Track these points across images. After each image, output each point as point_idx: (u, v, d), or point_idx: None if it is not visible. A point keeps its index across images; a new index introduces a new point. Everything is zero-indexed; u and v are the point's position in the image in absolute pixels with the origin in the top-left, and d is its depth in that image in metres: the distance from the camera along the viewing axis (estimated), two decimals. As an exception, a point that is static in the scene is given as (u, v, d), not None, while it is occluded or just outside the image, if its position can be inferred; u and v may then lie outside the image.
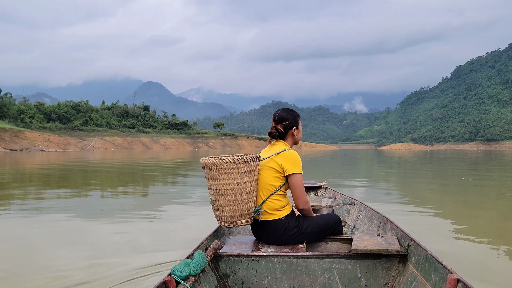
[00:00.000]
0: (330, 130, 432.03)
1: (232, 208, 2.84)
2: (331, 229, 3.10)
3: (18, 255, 4.40)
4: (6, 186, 11.78)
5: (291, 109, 3.18)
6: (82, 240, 5.12)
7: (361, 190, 10.94)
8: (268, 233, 2.95)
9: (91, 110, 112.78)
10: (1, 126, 77.53)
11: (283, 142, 3.09)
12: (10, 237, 5.27)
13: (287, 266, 2.68)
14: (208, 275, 2.60)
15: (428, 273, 2.31)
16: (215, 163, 2.79)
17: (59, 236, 5.39)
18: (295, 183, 2.92)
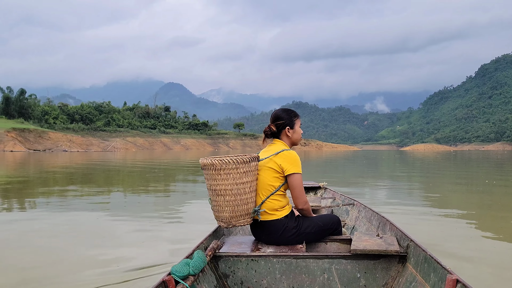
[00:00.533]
0: (351, 130, 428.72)
1: (232, 209, 2.85)
2: (331, 229, 3.11)
3: (37, 251, 4.55)
4: (32, 185, 11.88)
5: (290, 109, 3.17)
6: (97, 237, 5.21)
7: (380, 192, 10.63)
8: (267, 233, 2.95)
9: (113, 111, 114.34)
10: (26, 127, 79.19)
11: (282, 142, 3.08)
12: (32, 232, 5.44)
13: (286, 266, 2.68)
14: (208, 275, 2.60)
15: (427, 274, 2.30)
16: (214, 163, 2.79)
17: (75, 232, 5.52)
18: (294, 183, 2.91)
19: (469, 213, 7.33)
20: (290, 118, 3.11)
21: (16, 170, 20.44)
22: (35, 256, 4.32)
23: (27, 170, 20.00)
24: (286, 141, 3.12)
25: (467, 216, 6.96)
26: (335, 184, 11.58)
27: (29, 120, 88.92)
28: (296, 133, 3.12)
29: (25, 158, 36.24)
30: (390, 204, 8.20)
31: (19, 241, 5.05)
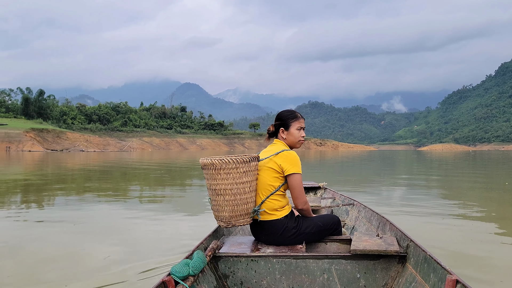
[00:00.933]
0: (368, 130, 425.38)
1: (231, 208, 2.84)
2: (330, 229, 3.10)
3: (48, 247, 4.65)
4: (50, 184, 11.93)
5: (291, 111, 3.15)
6: (106, 235, 5.33)
7: (396, 194, 10.37)
8: (267, 233, 2.94)
9: (130, 111, 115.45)
10: (44, 127, 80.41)
11: (282, 143, 3.09)
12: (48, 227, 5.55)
13: (286, 266, 2.68)
14: (207, 275, 2.60)
15: (427, 274, 2.30)
16: (214, 163, 2.78)
17: (83, 230, 5.60)
18: (294, 183, 2.91)
19: (488, 215, 7.06)
20: (286, 120, 3.10)
21: (34, 169, 20.64)
22: (42, 252, 4.37)
23: (44, 170, 20.18)
24: (285, 142, 3.12)
25: (485, 218, 6.70)
26: (341, 185, 11.34)
27: (47, 121, 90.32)
28: (291, 135, 3.09)
29: (42, 158, 36.69)
30: (395, 206, 7.96)
31: (39, 238, 5.11)
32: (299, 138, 3.10)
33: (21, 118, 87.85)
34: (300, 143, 3.13)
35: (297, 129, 3.09)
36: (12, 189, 11.34)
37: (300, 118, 3.13)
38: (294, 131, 3.08)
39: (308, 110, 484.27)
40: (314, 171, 20.97)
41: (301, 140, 3.12)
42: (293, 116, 3.10)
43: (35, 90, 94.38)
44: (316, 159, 40.82)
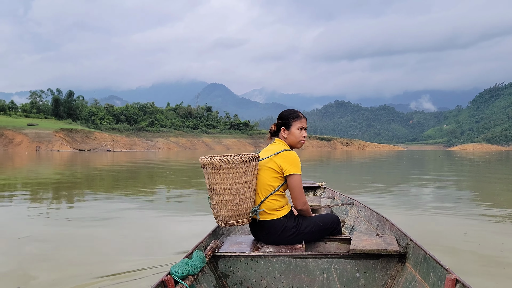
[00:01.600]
0: (396, 130, 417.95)
1: (231, 208, 2.84)
2: (330, 229, 3.09)
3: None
4: (76, 184, 12.04)
5: (293, 110, 3.11)
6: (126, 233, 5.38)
7: (424, 197, 9.91)
8: (267, 233, 2.94)
9: (156, 112, 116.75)
10: (74, 127, 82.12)
11: (282, 143, 3.06)
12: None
13: (285, 266, 2.68)
14: (207, 275, 2.59)
15: (427, 273, 2.31)
16: (214, 162, 2.78)
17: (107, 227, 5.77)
18: (294, 183, 2.90)
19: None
20: (288, 119, 3.07)
21: (63, 169, 20.94)
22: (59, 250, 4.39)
23: (72, 169, 20.43)
24: (286, 141, 3.10)
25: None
26: (359, 189, 10.91)
27: (77, 121, 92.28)
28: (292, 135, 3.05)
29: (70, 158, 37.37)
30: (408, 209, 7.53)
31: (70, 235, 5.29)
32: (300, 138, 3.07)
33: (51, 118, 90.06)
34: (301, 143, 3.10)
35: (298, 129, 3.06)
36: (43, 188, 11.45)
37: (302, 118, 3.10)
38: (295, 130, 3.05)
39: (334, 110, 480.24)
40: (340, 172, 20.52)
41: (302, 140, 3.09)
42: (294, 116, 3.07)
43: (68, 91, 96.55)
44: (342, 159, 40.17)
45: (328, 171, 20.62)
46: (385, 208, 7.35)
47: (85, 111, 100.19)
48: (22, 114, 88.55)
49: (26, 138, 70.98)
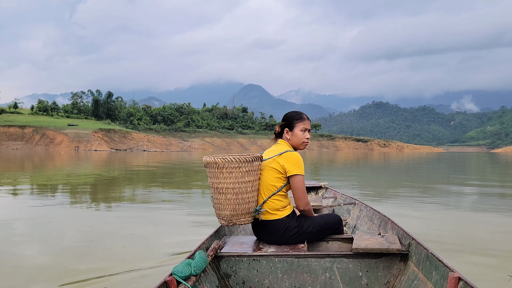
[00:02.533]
0: (436, 131, 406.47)
1: (233, 207, 2.84)
2: (332, 228, 3.10)
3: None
4: (109, 183, 12.22)
5: (297, 112, 3.13)
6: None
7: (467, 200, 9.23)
8: (269, 233, 2.95)
9: (193, 112, 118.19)
10: (112, 127, 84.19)
11: (286, 143, 3.07)
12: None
13: (288, 265, 2.68)
14: (209, 275, 2.59)
15: (429, 272, 2.31)
16: (217, 161, 2.79)
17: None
18: (297, 184, 2.91)
19: None
20: (291, 120, 3.08)
21: (100, 168, 21.25)
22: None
23: (106, 168, 20.68)
24: (289, 142, 3.10)
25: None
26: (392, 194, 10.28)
27: (115, 121, 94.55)
28: (295, 136, 3.06)
29: (106, 157, 38.11)
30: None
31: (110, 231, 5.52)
32: (303, 140, 3.07)
33: (91, 119, 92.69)
34: (304, 145, 3.10)
35: (301, 130, 3.06)
36: (82, 185, 11.74)
37: (306, 120, 3.09)
38: (298, 132, 3.05)
39: (372, 111, 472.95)
40: (378, 173, 19.83)
41: (305, 142, 3.09)
42: (298, 117, 3.08)
43: (107, 92, 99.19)
44: (379, 160, 39.13)
45: (363, 173, 19.96)
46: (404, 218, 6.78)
47: (124, 111, 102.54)
48: (63, 115, 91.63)
49: (66, 138, 73.29)
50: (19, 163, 25.86)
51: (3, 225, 5.69)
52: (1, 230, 5.37)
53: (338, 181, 13.51)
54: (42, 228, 5.60)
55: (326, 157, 50.48)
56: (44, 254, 4.30)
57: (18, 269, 3.76)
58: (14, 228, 5.55)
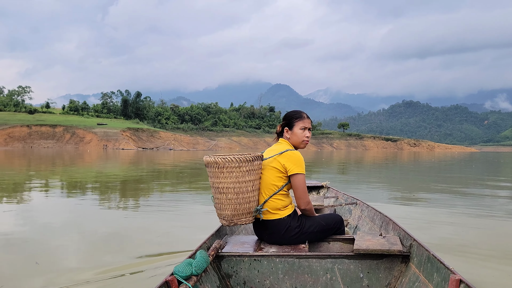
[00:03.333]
0: (469, 130, 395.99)
1: (234, 207, 2.82)
2: (333, 229, 3.08)
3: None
4: (140, 179, 12.35)
5: (297, 111, 3.15)
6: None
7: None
8: (270, 232, 2.93)
9: (220, 112, 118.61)
10: (140, 126, 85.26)
11: (287, 142, 3.07)
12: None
13: (289, 266, 2.67)
14: (210, 275, 2.58)
15: (431, 274, 2.29)
16: (218, 161, 2.78)
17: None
18: (298, 183, 2.89)
19: None
20: (291, 119, 3.08)
21: (127, 166, 21.35)
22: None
23: (132, 166, 20.73)
24: (288, 141, 3.09)
25: None
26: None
27: (143, 121, 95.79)
28: (294, 135, 3.05)
29: (133, 156, 38.47)
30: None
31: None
32: (302, 138, 3.05)
33: (120, 118, 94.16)
34: (304, 144, 3.08)
35: (301, 129, 3.04)
36: (112, 183, 11.97)
37: (305, 119, 3.07)
38: (297, 131, 3.04)
39: (402, 110, 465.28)
40: (407, 173, 19.12)
41: (305, 141, 3.07)
42: (298, 116, 3.07)
43: (135, 92, 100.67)
44: (409, 160, 38.04)
45: (393, 172, 19.25)
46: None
47: (152, 111, 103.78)
48: (93, 114, 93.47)
49: (95, 136, 74.66)
50: (51, 161, 26.32)
51: (41, 219, 6.00)
52: (40, 223, 5.68)
53: (362, 182, 12.91)
54: (77, 222, 5.86)
55: (354, 156, 49.62)
56: (78, 245, 4.56)
57: (55, 258, 4.02)
58: (51, 222, 5.85)
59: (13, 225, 5.56)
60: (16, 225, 5.57)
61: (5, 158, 30.56)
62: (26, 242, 4.61)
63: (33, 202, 7.87)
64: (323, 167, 22.16)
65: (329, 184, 6.00)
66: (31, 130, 75.37)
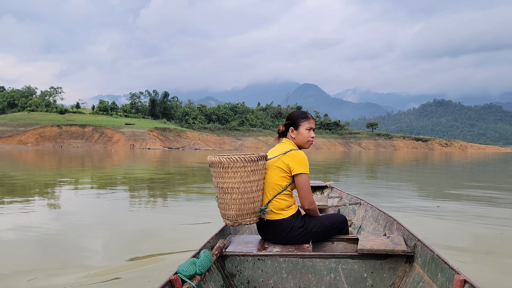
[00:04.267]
0: (504, 130, 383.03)
1: (238, 207, 2.83)
2: (337, 228, 3.09)
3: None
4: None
5: (302, 111, 3.16)
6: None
7: None
8: (274, 232, 2.95)
9: (247, 111, 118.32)
10: (167, 126, 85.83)
11: (290, 142, 3.08)
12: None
13: (293, 265, 2.68)
14: (214, 274, 2.60)
15: (435, 274, 2.30)
16: (222, 161, 2.79)
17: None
18: (301, 183, 2.90)
19: None
20: (296, 119, 3.09)
21: (153, 165, 21.17)
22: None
23: (157, 166, 20.55)
24: (294, 141, 3.10)
25: None
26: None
27: (171, 121, 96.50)
28: (300, 135, 3.07)
29: (157, 155, 38.58)
30: None
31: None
32: (308, 138, 3.07)
33: (148, 118, 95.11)
34: (309, 144, 3.10)
35: (307, 129, 3.06)
36: (139, 183, 12.37)
37: (311, 119, 3.11)
38: (303, 131, 3.06)
39: (433, 109, 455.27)
40: (439, 174, 18.21)
41: (310, 141, 3.09)
42: (303, 116, 3.10)
43: (163, 92, 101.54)
44: (441, 160, 36.68)
45: (423, 172, 18.36)
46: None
47: (179, 111, 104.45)
48: (122, 114, 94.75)
49: (123, 136, 75.56)
50: (80, 160, 26.85)
51: (75, 215, 6.42)
52: (73, 218, 6.09)
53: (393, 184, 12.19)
54: (107, 217, 6.25)
55: (382, 156, 48.42)
56: (108, 238, 4.94)
57: (86, 249, 4.35)
58: (83, 217, 6.28)
59: (48, 220, 5.91)
60: (51, 221, 5.91)
61: (38, 157, 31.35)
62: (58, 236, 4.94)
63: (65, 199, 8.34)
64: (342, 170, 21.41)
65: (333, 184, 6.01)
66: (61, 130, 76.92)
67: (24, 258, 4.06)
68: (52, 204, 7.72)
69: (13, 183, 11.30)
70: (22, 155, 34.34)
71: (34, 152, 44.42)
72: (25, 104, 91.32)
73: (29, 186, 10.56)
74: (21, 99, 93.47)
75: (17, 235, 5.03)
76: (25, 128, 76.23)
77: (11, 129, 76.19)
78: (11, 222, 5.74)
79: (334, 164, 26.19)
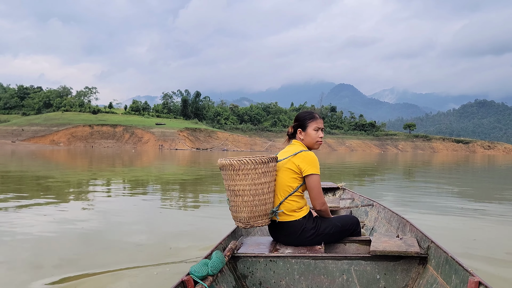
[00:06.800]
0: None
1: (250, 209, 2.84)
2: (349, 230, 3.09)
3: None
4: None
5: (309, 112, 3.15)
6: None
7: None
8: (285, 234, 2.95)
9: (280, 112, 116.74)
10: (198, 126, 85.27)
11: (300, 143, 3.09)
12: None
13: (305, 267, 2.68)
14: (226, 275, 2.61)
15: (449, 276, 2.29)
16: (233, 164, 2.80)
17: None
18: (312, 184, 2.92)
19: None
20: (303, 120, 3.09)
21: (177, 166, 20.08)
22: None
23: (181, 167, 19.36)
24: (302, 143, 3.10)
25: None
26: None
27: (202, 121, 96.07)
28: (308, 136, 3.07)
29: (182, 156, 37.58)
30: None
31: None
32: (316, 139, 3.07)
33: (180, 118, 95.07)
34: (318, 144, 3.10)
35: (315, 130, 3.06)
36: (169, 184, 12.28)
37: (318, 119, 3.10)
38: (311, 131, 3.06)
39: (474, 110, 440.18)
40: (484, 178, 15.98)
41: (319, 141, 3.08)
42: (310, 117, 3.09)
43: (204, 93, 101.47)
44: (483, 163, 33.85)
45: (467, 176, 16.19)
46: None
47: (211, 111, 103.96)
48: (154, 114, 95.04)
49: (153, 136, 75.51)
50: (106, 160, 26.37)
51: (114, 214, 6.58)
52: (113, 217, 6.29)
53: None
54: (145, 217, 6.42)
55: (420, 159, 45.75)
56: (147, 235, 5.01)
57: (126, 246, 4.44)
58: (122, 216, 6.44)
59: (86, 217, 6.08)
60: (89, 218, 6.05)
61: (71, 157, 31.45)
62: (98, 232, 5.09)
63: (100, 198, 8.52)
64: (368, 175, 19.37)
65: (344, 185, 5.89)
66: (92, 130, 77.73)
67: (72, 250, 4.28)
68: (92, 203, 7.87)
69: (48, 184, 11.18)
70: (54, 155, 34.18)
71: (66, 151, 44.60)
72: (60, 104, 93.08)
73: (67, 185, 10.91)
74: (56, 99, 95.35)
75: (65, 230, 5.19)
76: (58, 128, 77.47)
77: (44, 128, 77.59)
78: (59, 218, 5.93)
79: (358, 167, 24.11)
